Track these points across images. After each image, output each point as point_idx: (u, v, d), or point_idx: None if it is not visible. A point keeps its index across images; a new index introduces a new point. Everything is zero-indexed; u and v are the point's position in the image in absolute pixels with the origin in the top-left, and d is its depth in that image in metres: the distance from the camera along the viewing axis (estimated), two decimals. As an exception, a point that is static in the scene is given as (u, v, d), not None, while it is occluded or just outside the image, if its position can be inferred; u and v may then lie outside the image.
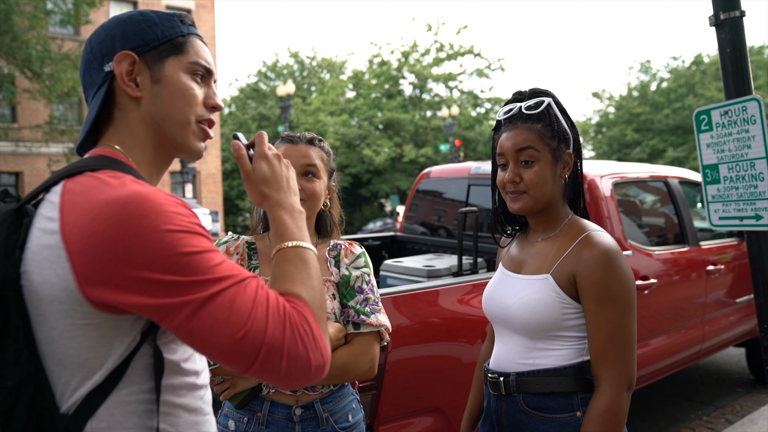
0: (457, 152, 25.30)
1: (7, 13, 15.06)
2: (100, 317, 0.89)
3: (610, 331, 1.45)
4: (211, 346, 0.88)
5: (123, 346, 0.92)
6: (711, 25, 2.69)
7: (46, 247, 0.89)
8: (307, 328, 0.93)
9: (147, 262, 0.85)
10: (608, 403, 1.43)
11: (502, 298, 1.64)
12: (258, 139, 1.16)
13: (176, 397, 0.99)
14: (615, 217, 3.54)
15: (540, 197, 1.58)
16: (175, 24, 1.09)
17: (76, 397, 0.90)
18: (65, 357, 0.90)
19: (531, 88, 1.67)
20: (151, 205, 0.88)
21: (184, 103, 1.07)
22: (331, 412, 1.65)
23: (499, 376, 1.62)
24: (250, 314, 0.89)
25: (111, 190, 0.89)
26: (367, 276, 1.72)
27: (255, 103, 35.22)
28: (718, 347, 4.44)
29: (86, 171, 0.95)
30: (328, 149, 1.80)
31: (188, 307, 0.86)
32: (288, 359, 0.89)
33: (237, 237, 1.79)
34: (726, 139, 2.72)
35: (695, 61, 31.37)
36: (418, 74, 31.35)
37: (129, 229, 0.85)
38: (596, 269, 1.47)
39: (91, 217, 0.87)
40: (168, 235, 0.87)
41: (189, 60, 1.08)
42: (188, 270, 0.87)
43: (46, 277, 0.88)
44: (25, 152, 20.22)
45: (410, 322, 2.51)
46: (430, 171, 4.88)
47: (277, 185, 1.13)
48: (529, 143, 1.56)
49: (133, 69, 1.04)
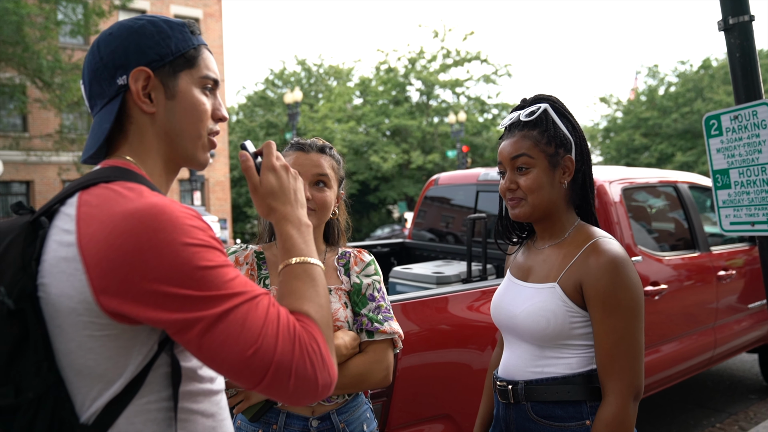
0: (464, 158, 25.28)
1: (18, 24, 15.22)
2: (117, 328, 0.89)
3: (616, 341, 1.44)
4: (222, 362, 0.88)
5: (141, 355, 0.92)
6: (720, 29, 2.68)
7: (63, 259, 0.89)
8: (316, 347, 0.93)
9: (163, 275, 0.86)
10: (614, 413, 1.41)
11: (509, 307, 1.64)
12: (266, 149, 1.15)
13: (193, 403, 1.00)
14: (624, 223, 3.53)
15: (538, 203, 1.58)
16: (187, 36, 1.08)
17: (95, 407, 0.91)
18: (84, 368, 0.90)
19: (534, 95, 1.68)
20: (168, 218, 0.88)
21: (197, 119, 1.07)
22: (347, 422, 1.64)
23: (507, 384, 1.62)
24: (261, 332, 0.89)
25: (127, 203, 0.90)
26: (378, 283, 1.72)
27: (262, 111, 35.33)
28: (730, 353, 4.41)
29: (101, 182, 0.95)
30: (339, 157, 1.80)
31: (201, 323, 0.87)
32: (296, 378, 0.90)
33: (245, 246, 1.78)
34: (736, 144, 2.71)
35: (703, 65, 31.22)
36: (425, 81, 31.38)
37: (146, 242, 0.86)
38: (602, 277, 1.46)
39: (108, 230, 0.87)
40: (185, 248, 0.87)
41: (200, 74, 1.08)
42: (204, 285, 0.87)
43: (63, 289, 0.89)
44: (35, 161, 20.36)
45: (420, 328, 2.51)
46: (439, 177, 4.88)
47: (285, 198, 1.12)
48: (524, 150, 1.57)
49: (148, 84, 1.04)
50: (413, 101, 32.50)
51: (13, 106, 19.25)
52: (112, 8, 17.86)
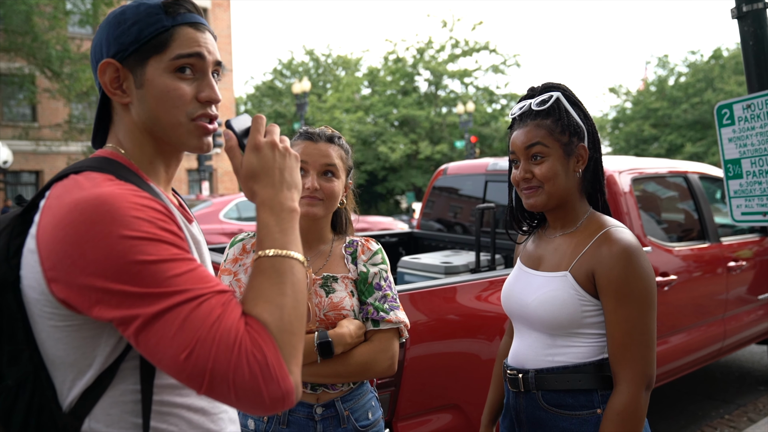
0: (472, 149, 25.22)
1: (27, 14, 15.28)
2: (78, 319, 0.89)
3: (628, 330, 1.44)
4: (159, 363, 0.84)
5: (109, 347, 0.91)
6: (733, 17, 2.65)
7: (29, 251, 0.90)
8: (260, 356, 0.82)
9: (99, 269, 0.82)
10: (626, 403, 1.41)
11: (520, 295, 1.63)
12: (253, 125, 1.01)
13: (177, 396, 0.98)
14: (634, 213, 3.50)
15: (554, 192, 1.56)
16: (157, 19, 1.00)
17: (72, 395, 0.92)
18: (56, 358, 0.91)
19: (543, 84, 1.66)
20: (109, 209, 0.84)
21: (171, 105, 1.01)
22: (352, 410, 1.65)
23: (518, 372, 1.61)
24: (197, 335, 0.81)
25: (77, 193, 0.88)
26: (385, 273, 1.72)
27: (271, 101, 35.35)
28: (739, 345, 4.38)
29: (71, 173, 0.95)
30: (347, 147, 1.79)
31: (137, 321, 0.82)
32: (236, 388, 0.81)
33: (253, 234, 1.78)
34: (749, 134, 2.68)
35: (714, 55, 30.93)
36: (434, 71, 31.27)
37: (84, 234, 0.83)
38: (615, 266, 1.45)
39: (56, 221, 0.86)
40: (121, 242, 0.83)
41: (171, 56, 1.00)
42: (140, 281, 0.82)
43: (29, 280, 0.89)
44: (45, 151, 20.46)
45: (428, 318, 2.51)
46: (447, 167, 4.86)
47: (267, 180, 0.98)
48: (538, 139, 1.56)
49: (119, 75, 1.02)
50: (421, 91, 32.40)
51: (23, 96, 19.35)
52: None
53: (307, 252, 1.72)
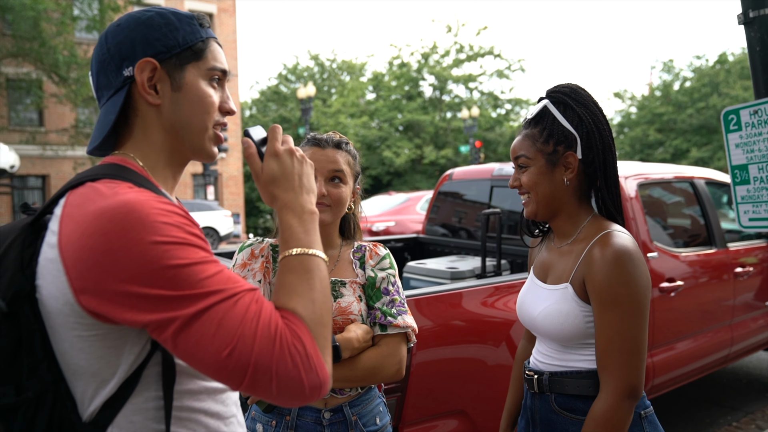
0: (477, 154, 25.20)
1: (35, 19, 15.41)
2: (104, 328, 0.89)
3: (610, 336, 1.41)
4: (198, 363, 0.85)
5: (133, 354, 0.91)
6: (740, 23, 2.64)
7: (49, 261, 0.89)
8: (300, 347, 0.87)
9: (133, 275, 0.83)
10: (604, 410, 1.39)
11: (529, 308, 1.65)
12: (270, 134, 1.08)
13: (195, 401, 0.99)
14: (640, 219, 3.50)
15: (540, 200, 1.58)
16: (195, 29, 1.06)
17: (94, 405, 0.91)
18: (78, 368, 0.91)
19: (550, 87, 1.65)
20: (137, 216, 0.85)
21: (204, 111, 1.05)
22: (360, 415, 1.65)
23: (534, 374, 1.63)
24: (237, 331, 0.84)
25: (101, 201, 0.88)
26: (393, 277, 1.72)
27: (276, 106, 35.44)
28: (747, 351, 4.36)
29: (87, 181, 0.94)
30: (355, 152, 1.79)
31: (175, 323, 0.84)
32: (278, 379, 0.85)
33: (261, 240, 1.78)
34: (756, 139, 2.67)
35: (719, 60, 30.88)
36: (438, 76, 31.33)
37: (115, 242, 0.84)
38: (600, 271, 1.43)
39: (81, 230, 0.86)
40: (153, 247, 0.84)
41: (208, 66, 1.06)
42: (175, 284, 0.84)
43: (51, 290, 0.89)
44: (51, 155, 20.57)
45: (434, 324, 2.51)
46: (453, 172, 4.86)
47: (287, 184, 1.05)
48: (523, 151, 1.59)
49: (154, 76, 1.02)
50: (426, 96, 32.46)
51: (30, 101, 19.48)
52: (127, 3, 17.99)
53: None
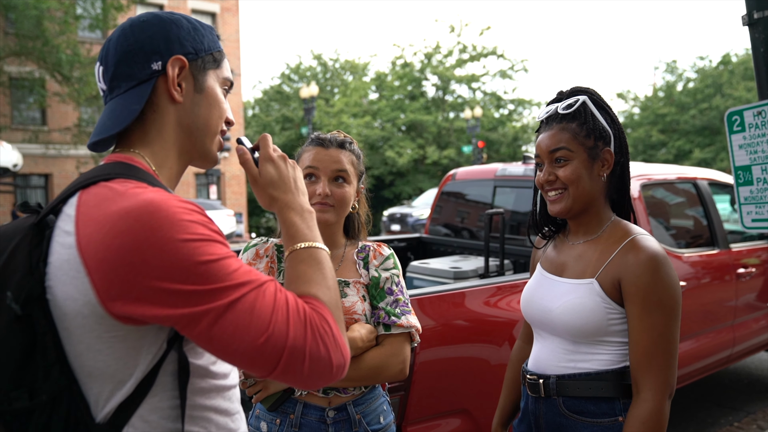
0: (480, 154, 25.21)
1: (38, 18, 15.43)
2: (124, 329, 0.89)
3: (655, 338, 1.43)
4: (234, 352, 0.88)
5: (150, 355, 0.92)
6: (744, 24, 2.64)
7: (66, 262, 0.89)
8: (327, 328, 0.93)
9: (165, 273, 0.85)
10: (650, 411, 1.40)
11: (543, 302, 1.62)
12: (262, 142, 1.16)
13: (206, 399, 1.00)
14: (643, 219, 3.50)
15: (578, 195, 1.55)
16: (216, 38, 1.13)
17: (109, 407, 0.91)
18: (94, 369, 0.90)
19: (571, 88, 1.66)
20: (165, 215, 0.87)
21: (218, 116, 1.11)
22: (364, 414, 1.65)
23: (538, 377, 1.61)
24: (271, 318, 0.89)
25: (123, 201, 0.89)
26: (397, 277, 1.72)
27: (278, 105, 35.41)
28: (749, 352, 4.37)
29: (100, 181, 0.95)
30: (359, 152, 1.79)
31: (209, 316, 0.86)
32: (310, 360, 0.90)
33: (266, 240, 1.79)
34: (759, 140, 2.67)
35: (723, 61, 30.81)
36: (441, 76, 31.30)
37: (144, 241, 0.85)
38: (643, 275, 1.45)
39: (105, 230, 0.86)
40: (184, 245, 0.86)
41: (223, 75, 1.13)
42: (207, 279, 0.87)
43: (68, 292, 0.88)
44: (54, 154, 20.59)
45: (437, 323, 2.52)
46: (456, 173, 4.87)
47: (285, 187, 1.12)
48: (562, 144, 1.55)
49: (180, 74, 1.05)
50: (429, 96, 32.43)
51: (33, 100, 19.49)
52: (130, 2, 18.02)
53: None
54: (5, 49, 16.57)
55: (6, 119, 19.45)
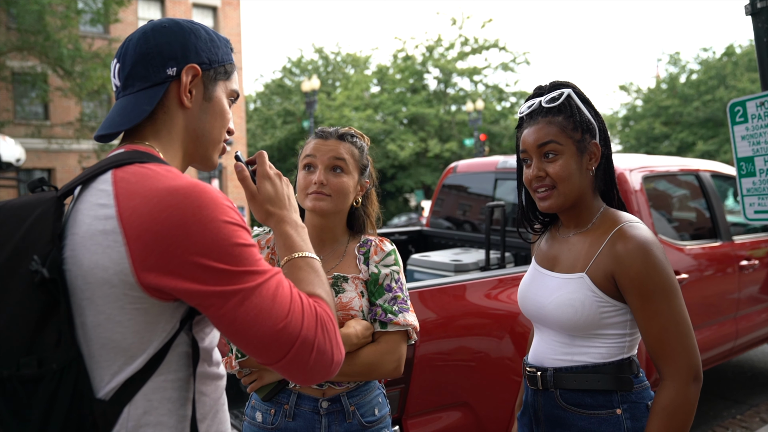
0: (482, 147, 25.17)
1: (40, 13, 15.40)
2: (147, 302, 0.92)
3: (663, 324, 1.41)
4: (253, 335, 0.93)
5: (165, 333, 0.95)
6: (747, 14, 2.62)
7: (101, 232, 0.91)
8: (331, 325, 1.00)
9: (205, 249, 0.90)
10: (672, 397, 1.39)
11: (536, 297, 1.62)
12: (259, 159, 1.24)
13: (203, 385, 1.03)
14: (645, 212, 3.49)
15: (569, 192, 1.53)
16: (229, 51, 1.18)
17: (115, 382, 0.92)
18: (109, 341, 0.92)
19: (551, 82, 1.64)
20: (210, 197, 0.93)
21: (221, 125, 1.16)
22: (358, 405, 1.65)
23: (536, 370, 1.60)
24: (290, 307, 0.95)
25: (169, 180, 0.94)
26: (397, 274, 1.71)
27: (280, 99, 35.38)
28: (752, 344, 4.36)
29: (135, 162, 0.99)
30: (362, 145, 1.77)
31: (237, 296, 0.91)
32: (317, 353, 0.96)
33: (268, 231, 1.79)
34: (762, 131, 2.66)
35: (727, 52, 30.64)
36: (443, 68, 31.21)
37: (191, 217, 0.90)
38: (633, 264, 1.43)
39: (153, 203, 0.91)
40: (226, 226, 0.93)
41: (232, 87, 1.18)
42: (240, 260, 0.93)
43: (98, 261, 0.91)
44: (57, 149, 20.60)
45: (438, 316, 2.51)
46: (457, 165, 4.86)
47: (281, 203, 1.22)
48: (551, 137, 1.53)
49: (192, 81, 1.09)
50: (431, 89, 32.35)
51: (35, 95, 19.48)
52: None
53: (321, 250, 1.72)
54: (7, 44, 16.56)
55: (9, 114, 19.47)
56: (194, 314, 0.98)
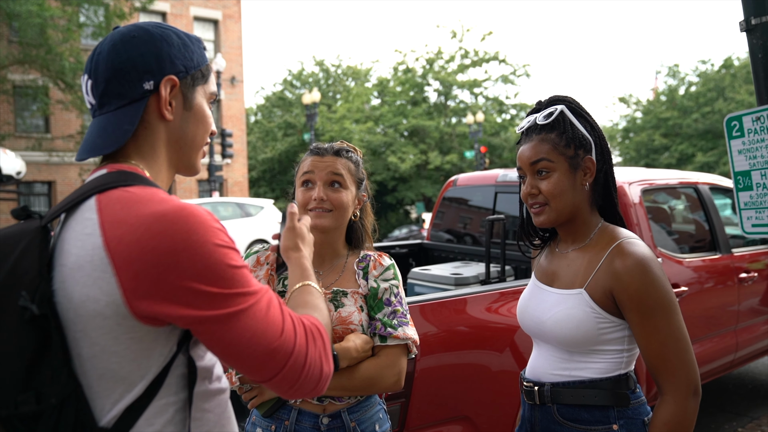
0: (482, 159, 25.22)
1: (41, 26, 15.51)
2: (141, 330, 0.90)
3: (662, 340, 1.43)
4: (247, 355, 0.93)
5: (162, 357, 0.94)
6: (742, 30, 2.65)
7: (88, 263, 0.89)
8: (321, 342, 1.02)
9: (197, 274, 0.89)
10: (672, 412, 1.40)
11: (535, 312, 1.62)
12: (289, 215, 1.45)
13: (205, 402, 1.02)
14: (644, 225, 3.50)
15: (561, 208, 1.55)
16: (203, 52, 1.14)
17: (116, 410, 0.91)
18: (107, 371, 0.91)
19: (549, 97, 1.65)
20: (198, 220, 0.91)
21: (204, 131, 1.14)
22: (359, 421, 1.65)
23: (534, 385, 1.61)
24: (282, 325, 0.97)
25: (155, 205, 0.91)
26: (396, 288, 1.72)
27: (281, 111, 35.49)
28: (752, 357, 4.35)
29: (119, 186, 0.95)
30: (357, 159, 1.79)
31: (231, 318, 0.91)
32: (308, 368, 0.97)
33: (266, 247, 1.80)
34: (758, 146, 2.68)
35: (725, 65, 30.80)
36: (443, 81, 31.35)
37: (180, 243, 0.89)
38: (632, 282, 1.44)
39: (140, 231, 0.88)
40: (217, 249, 0.92)
41: (210, 89, 1.15)
42: (233, 283, 0.93)
43: (89, 293, 0.89)
44: (57, 162, 20.66)
45: (438, 330, 2.52)
46: (457, 178, 4.87)
47: (310, 247, 1.43)
48: (542, 155, 1.55)
49: (171, 92, 1.05)
50: (431, 102, 32.48)
51: (36, 108, 19.59)
52: (133, 10, 18.11)
53: (321, 266, 1.74)
54: (9, 57, 16.67)
55: (10, 127, 19.54)
56: (191, 335, 0.97)
